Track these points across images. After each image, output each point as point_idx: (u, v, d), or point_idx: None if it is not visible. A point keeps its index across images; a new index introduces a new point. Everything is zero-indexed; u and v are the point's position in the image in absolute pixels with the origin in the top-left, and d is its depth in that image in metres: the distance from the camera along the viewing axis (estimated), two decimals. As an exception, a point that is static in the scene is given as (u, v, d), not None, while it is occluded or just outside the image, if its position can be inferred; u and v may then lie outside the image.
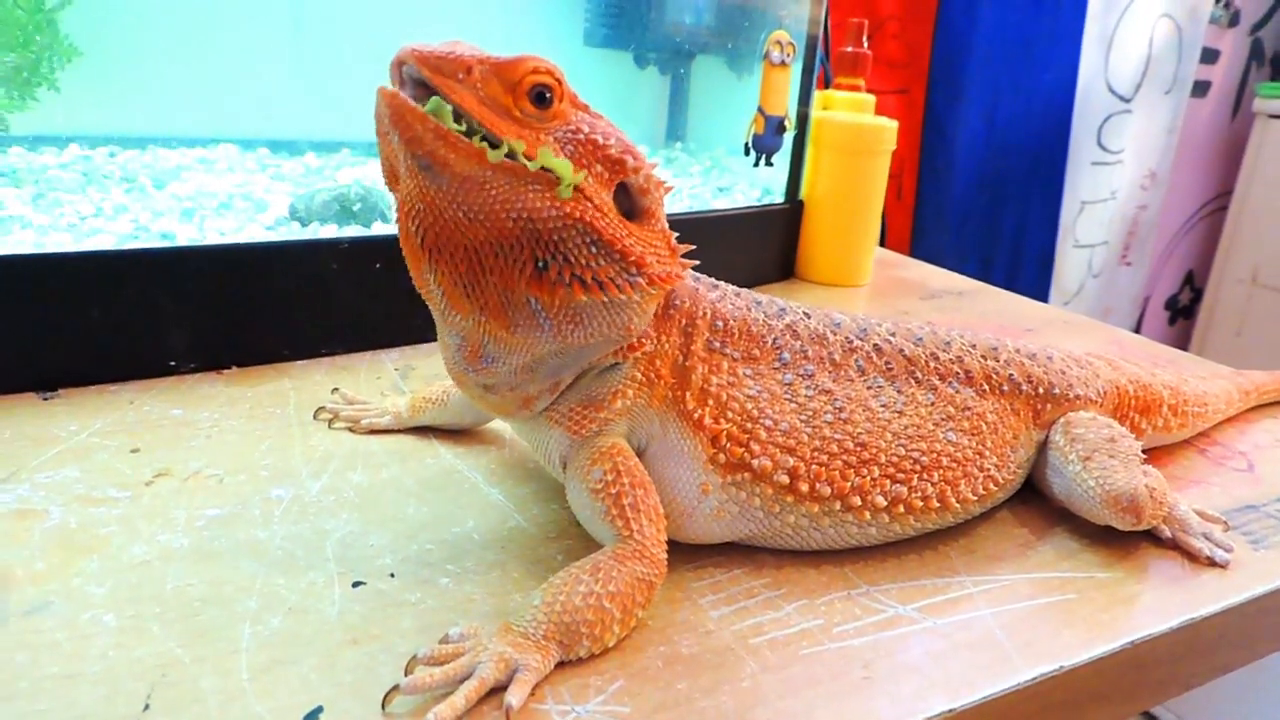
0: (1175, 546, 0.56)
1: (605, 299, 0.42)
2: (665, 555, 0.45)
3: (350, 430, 0.62)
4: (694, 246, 0.48)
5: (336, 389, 0.66)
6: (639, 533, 0.44)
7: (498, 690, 0.39)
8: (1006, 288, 1.18)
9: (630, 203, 0.44)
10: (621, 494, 0.45)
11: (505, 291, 0.42)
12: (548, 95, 0.40)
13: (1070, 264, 2.12)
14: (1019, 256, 2.03)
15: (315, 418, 0.63)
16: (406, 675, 0.38)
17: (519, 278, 0.41)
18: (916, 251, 1.86)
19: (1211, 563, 0.55)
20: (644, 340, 0.47)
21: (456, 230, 0.40)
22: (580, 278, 0.41)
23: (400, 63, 0.39)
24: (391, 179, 0.42)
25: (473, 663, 0.39)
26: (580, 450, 0.47)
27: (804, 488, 0.49)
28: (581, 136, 0.41)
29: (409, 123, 0.38)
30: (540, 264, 0.41)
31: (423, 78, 0.38)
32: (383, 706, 0.38)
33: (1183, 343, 2.48)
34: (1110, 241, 2.20)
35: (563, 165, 0.40)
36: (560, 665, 0.41)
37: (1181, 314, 2.54)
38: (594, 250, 0.41)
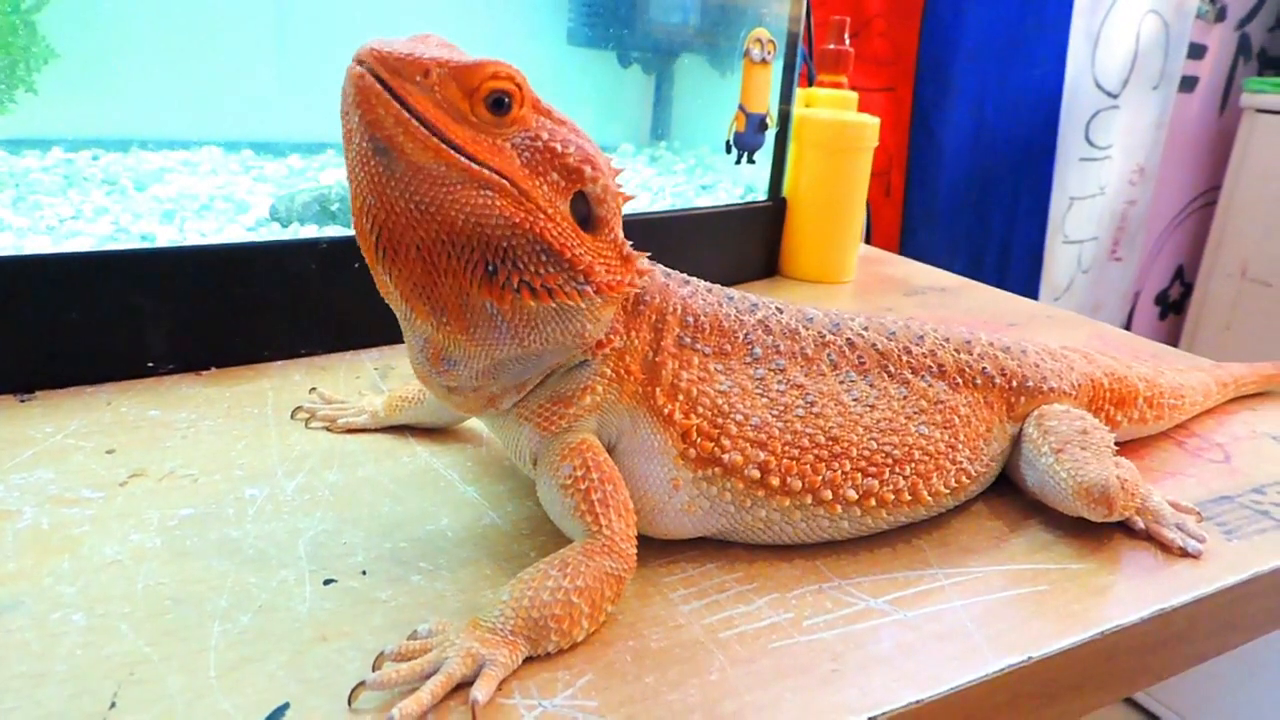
0: (1149, 538, 0.56)
1: (554, 305, 0.43)
2: (634, 550, 0.45)
3: (327, 429, 0.63)
4: (649, 254, 0.48)
5: (314, 389, 0.66)
6: (608, 528, 0.44)
7: (465, 686, 0.39)
8: (996, 284, 1.18)
9: (587, 210, 0.44)
10: (590, 489, 0.45)
11: (461, 294, 0.42)
12: (506, 101, 0.40)
13: (1060, 260, 2.13)
14: (1008, 253, 2.04)
15: (293, 417, 0.63)
16: (374, 671, 0.39)
17: (470, 280, 0.41)
18: (906, 249, 1.86)
19: (1184, 553, 0.55)
20: (612, 337, 0.48)
21: (408, 226, 0.40)
22: (529, 284, 0.42)
23: (359, 61, 0.39)
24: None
25: (439, 658, 0.39)
26: (550, 446, 0.48)
27: (775, 482, 0.49)
28: (540, 144, 0.42)
29: (372, 104, 0.38)
30: (490, 267, 0.41)
31: (381, 78, 0.38)
32: (349, 702, 0.38)
33: (1173, 337, 2.49)
34: (1100, 237, 2.20)
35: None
36: (529, 660, 0.41)
37: (1172, 309, 2.55)
38: (543, 258, 0.42)
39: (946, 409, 0.55)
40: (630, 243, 0.47)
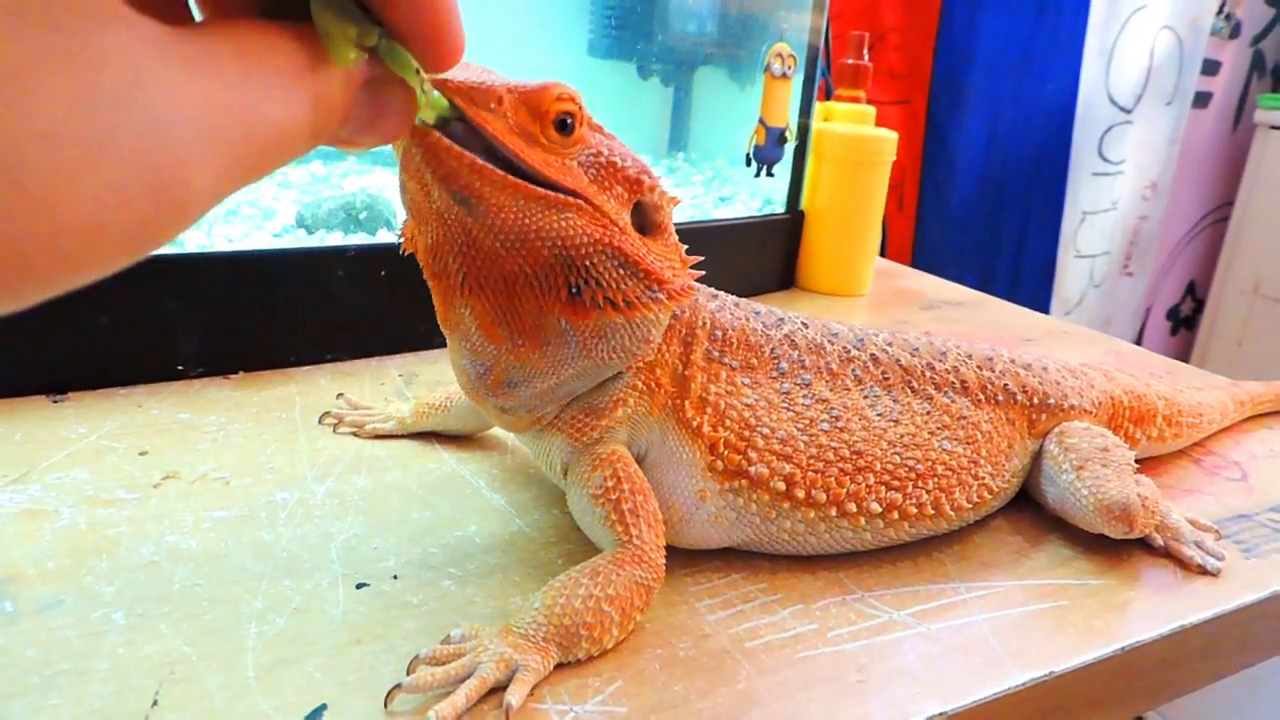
0: (1168, 555, 0.57)
1: (637, 318, 0.43)
2: (663, 560, 0.46)
3: (355, 435, 0.63)
4: (702, 258, 0.49)
5: (341, 394, 0.67)
6: (638, 538, 0.45)
7: (498, 690, 0.39)
8: (1008, 298, 1.18)
9: (644, 219, 0.45)
10: (621, 500, 0.46)
11: (540, 316, 0.42)
12: (569, 122, 0.41)
13: (1072, 274, 2.13)
14: (1020, 267, 2.04)
15: (320, 422, 0.64)
16: (409, 674, 0.39)
17: (554, 302, 0.42)
18: (918, 262, 1.87)
19: (1203, 571, 0.56)
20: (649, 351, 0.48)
21: (495, 262, 0.40)
22: (611, 300, 0.42)
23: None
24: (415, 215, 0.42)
25: (474, 663, 0.40)
26: (581, 457, 0.48)
27: (800, 494, 0.50)
28: (603, 160, 0.42)
29: (443, 159, 0.37)
30: (573, 289, 0.41)
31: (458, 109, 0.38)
32: (385, 705, 0.38)
33: (1184, 353, 2.49)
34: (1112, 252, 2.21)
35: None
36: (559, 666, 0.42)
37: (1183, 324, 2.55)
38: (622, 271, 0.42)
39: (969, 425, 0.56)
40: (685, 246, 0.48)
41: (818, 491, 0.50)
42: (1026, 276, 2.06)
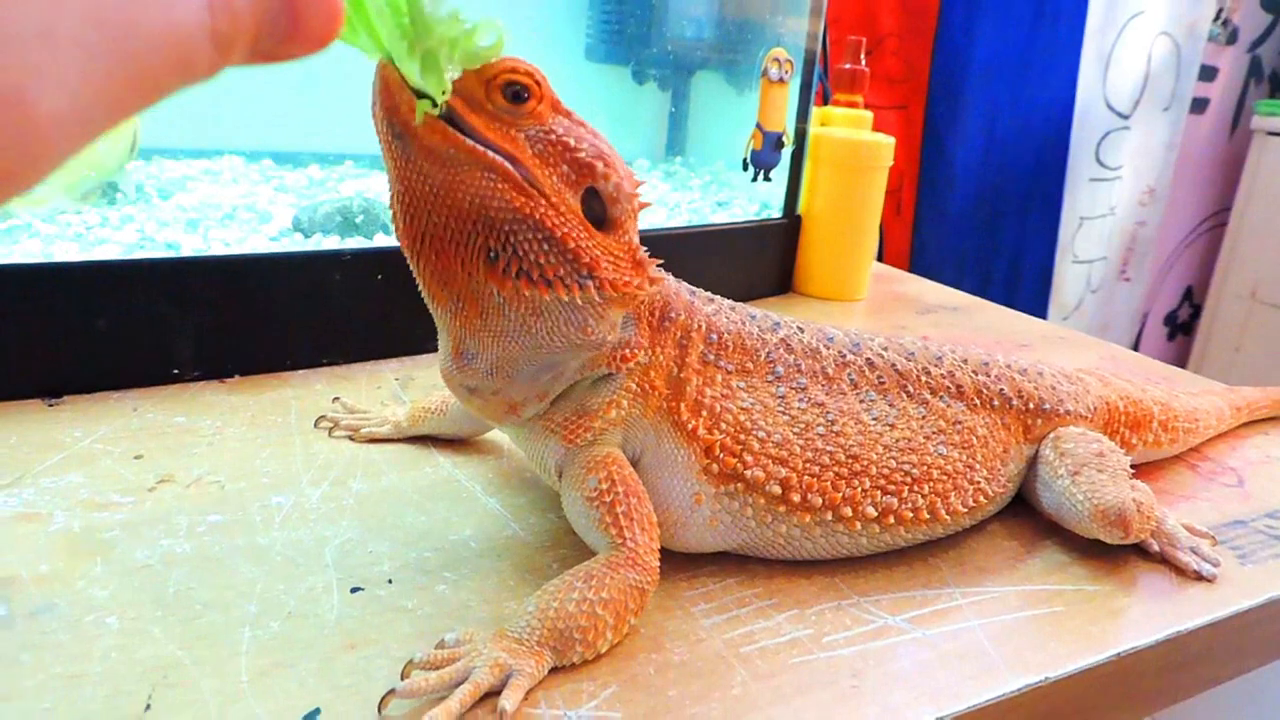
0: (1163, 561, 0.57)
1: (552, 297, 0.43)
2: (658, 563, 0.46)
3: (350, 439, 0.63)
4: (661, 261, 0.49)
5: (337, 398, 0.67)
6: (632, 540, 0.45)
7: (492, 695, 0.39)
8: (1005, 303, 1.19)
9: (602, 211, 0.45)
10: (615, 502, 0.46)
11: (470, 280, 0.42)
12: (523, 94, 0.41)
13: (1069, 279, 2.14)
14: (1018, 272, 2.05)
15: (316, 426, 0.64)
16: (403, 679, 0.39)
17: (476, 264, 0.42)
18: (915, 267, 1.87)
19: (1199, 577, 0.56)
20: (637, 351, 0.48)
21: (425, 210, 0.41)
22: (527, 272, 0.42)
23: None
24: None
25: (468, 667, 0.40)
26: (575, 459, 0.48)
27: (796, 498, 0.50)
28: (553, 137, 0.42)
29: (391, 92, 0.38)
30: (491, 254, 0.42)
31: None
32: (379, 709, 0.38)
33: (1182, 359, 2.49)
34: (1109, 257, 2.21)
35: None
36: (554, 670, 0.42)
37: (1181, 330, 2.55)
38: (545, 247, 0.42)
39: (964, 429, 0.56)
40: (646, 249, 0.48)
41: (813, 496, 0.50)
42: (1024, 282, 2.06)
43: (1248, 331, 2.33)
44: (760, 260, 1.09)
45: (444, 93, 0.38)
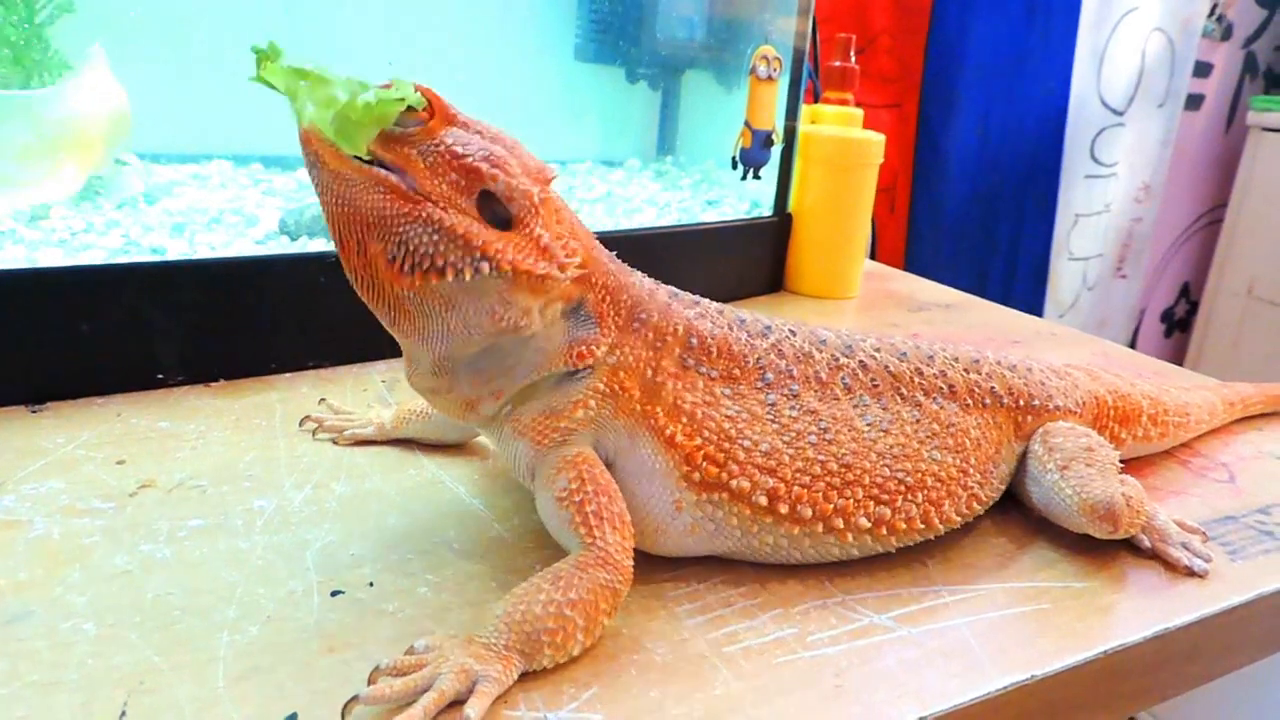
0: (1154, 556, 0.57)
1: (453, 282, 0.44)
2: (630, 562, 0.45)
3: (334, 441, 0.63)
4: (579, 257, 0.49)
5: (323, 400, 0.67)
6: (602, 540, 0.44)
7: (460, 703, 0.39)
8: (1001, 300, 1.18)
9: (504, 210, 0.46)
10: (585, 501, 0.45)
11: (384, 285, 0.45)
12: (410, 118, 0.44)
13: (1065, 277, 2.13)
14: (1014, 269, 2.04)
15: (300, 426, 0.64)
16: (369, 685, 0.39)
17: (382, 268, 0.44)
18: (911, 264, 1.87)
19: (1190, 572, 0.55)
20: (594, 348, 0.48)
21: (340, 225, 0.44)
22: (420, 264, 0.44)
23: None
24: None
25: (433, 674, 0.39)
26: (546, 460, 0.48)
27: (784, 509, 0.49)
28: (442, 148, 0.44)
29: (306, 135, 0.43)
30: (390, 256, 0.44)
31: None
32: (342, 716, 0.38)
33: (1179, 356, 2.49)
34: (1105, 254, 2.21)
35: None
36: (536, 672, 0.41)
37: (1177, 326, 2.55)
38: (435, 238, 0.44)
39: (958, 432, 0.55)
40: (563, 243, 0.47)
41: (803, 507, 0.49)
42: (1020, 279, 2.05)
43: (1245, 328, 2.32)
44: (751, 259, 1.09)
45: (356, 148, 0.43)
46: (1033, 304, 2.08)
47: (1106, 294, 2.26)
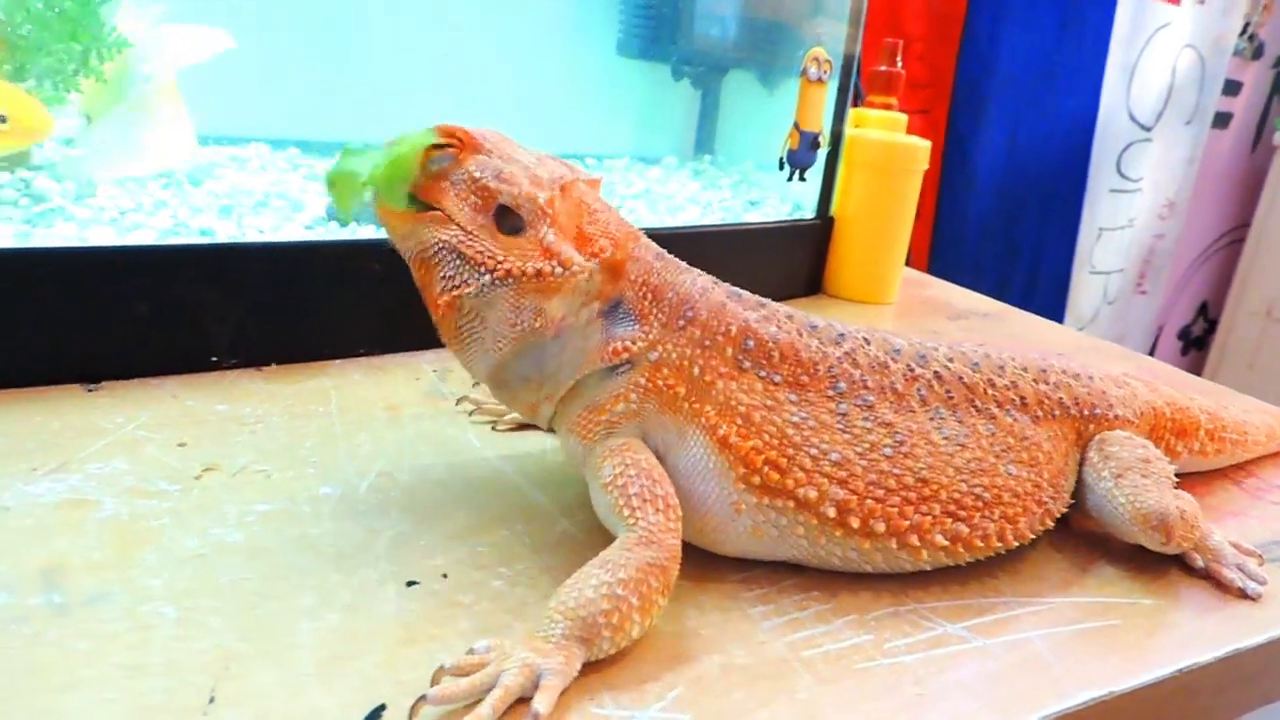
0: (1207, 576, 0.56)
1: (470, 296, 0.48)
2: (676, 541, 0.44)
3: (493, 427, 0.65)
4: (595, 260, 0.50)
5: (476, 383, 0.67)
6: (644, 520, 0.44)
7: (526, 699, 0.38)
8: (1021, 310, 1.18)
9: (517, 219, 0.48)
10: (628, 484, 0.46)
11: (439, 313, 0.50)
12: (443, 159, 0.49)
13: (1086, 290, 2.13)
14: (1035, 280, 2.04)
15: (457, 405, 0.68)
16: (433, 685, 0.38)
17: (430, 298, 0.50)
18: (933, 270, 1.86)
19: (1243, 595, 0.55)
20: (630, 345, 0.49)
21: (411, 267, 0.50)
22: (448, 289, 0.48)
23: None
24: None
25: (497, 672, 0.39)
26: (593, 452, 0.49)
27: (855, 523, 0.48)
28: (465, 176, 0.49)
29: (379, 209, 0.50)
30: (437, 287, 0.49)
31: None
32: (410, 717, 0.37)
33: (1195, 374, 2.48)
34: (1126, 269, 2.20)
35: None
36: (619, 669, 0.41)
37: (1194, 345, 2.55)
38: (456, 262, 0.48)
39: (1031, 445, 0.55)
40: (579, 241, 0.49)
41: (876, 521, 0.48)
42: (1041, 290, 2.05)
43: (1262, 349, 2.32)
44: (792, 260, 1.08)
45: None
46: (1052, 316, 2.07)
47: (1126, 309, 2.26)
